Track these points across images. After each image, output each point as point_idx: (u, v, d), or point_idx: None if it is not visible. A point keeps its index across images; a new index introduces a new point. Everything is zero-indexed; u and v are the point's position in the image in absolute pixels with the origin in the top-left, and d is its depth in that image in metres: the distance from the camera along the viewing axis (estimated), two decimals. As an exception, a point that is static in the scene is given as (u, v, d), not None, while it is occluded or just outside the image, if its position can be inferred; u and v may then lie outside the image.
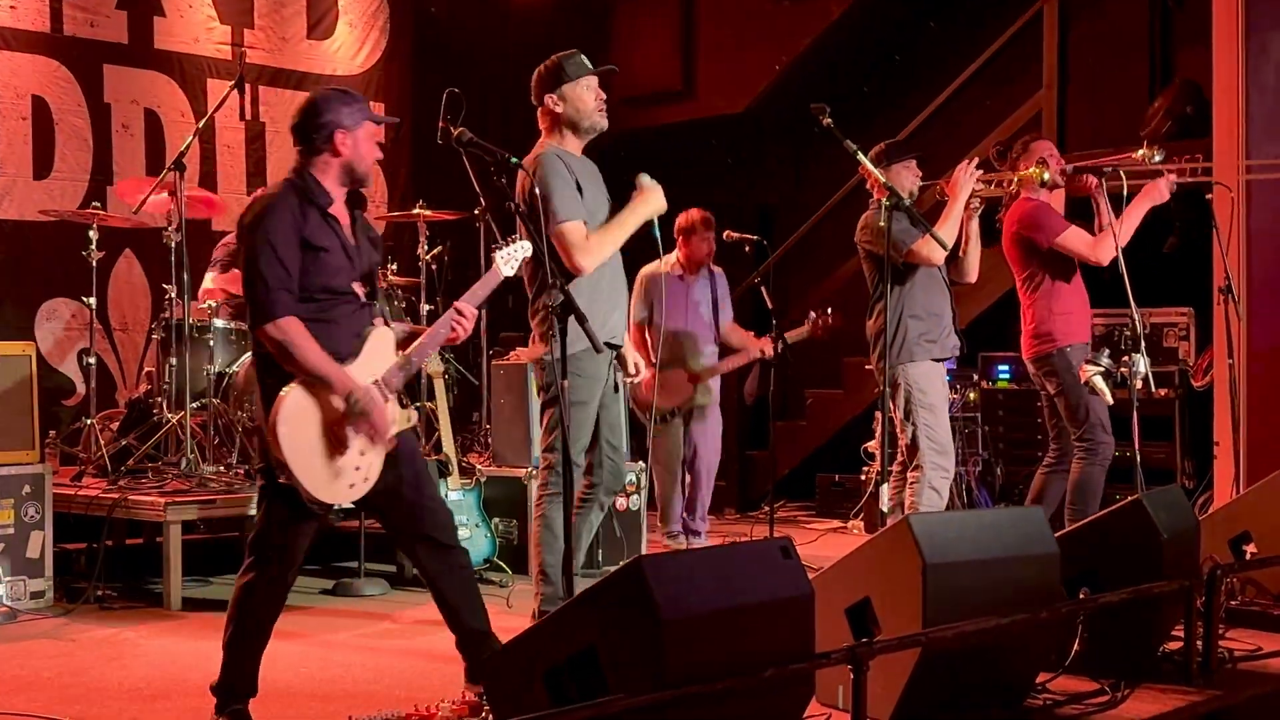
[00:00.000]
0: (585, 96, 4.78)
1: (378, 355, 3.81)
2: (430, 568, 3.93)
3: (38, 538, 5.69)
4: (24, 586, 5.62)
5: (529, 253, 4.12)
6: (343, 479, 3.71)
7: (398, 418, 3.84)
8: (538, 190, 4.49)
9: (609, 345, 4.63)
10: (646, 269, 7.17)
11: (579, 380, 4.49)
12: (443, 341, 3.97)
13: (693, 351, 7.13)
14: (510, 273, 4.11)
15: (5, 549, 5.55)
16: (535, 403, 6.50)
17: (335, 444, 3.67)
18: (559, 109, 4.76)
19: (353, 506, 4.11)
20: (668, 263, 7.15)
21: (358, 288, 3.82)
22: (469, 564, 4.05)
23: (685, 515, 7.15)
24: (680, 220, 7.21)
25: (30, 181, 7.86)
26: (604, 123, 4.85)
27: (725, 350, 7.26)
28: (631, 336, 7.05)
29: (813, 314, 7.12)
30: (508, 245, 4.11)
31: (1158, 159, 5.70)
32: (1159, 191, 5.78)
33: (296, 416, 3.62)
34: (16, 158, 7.80)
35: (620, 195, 4.96)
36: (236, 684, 3.78)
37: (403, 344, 3.92)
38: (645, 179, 4.85)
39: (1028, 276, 5.96)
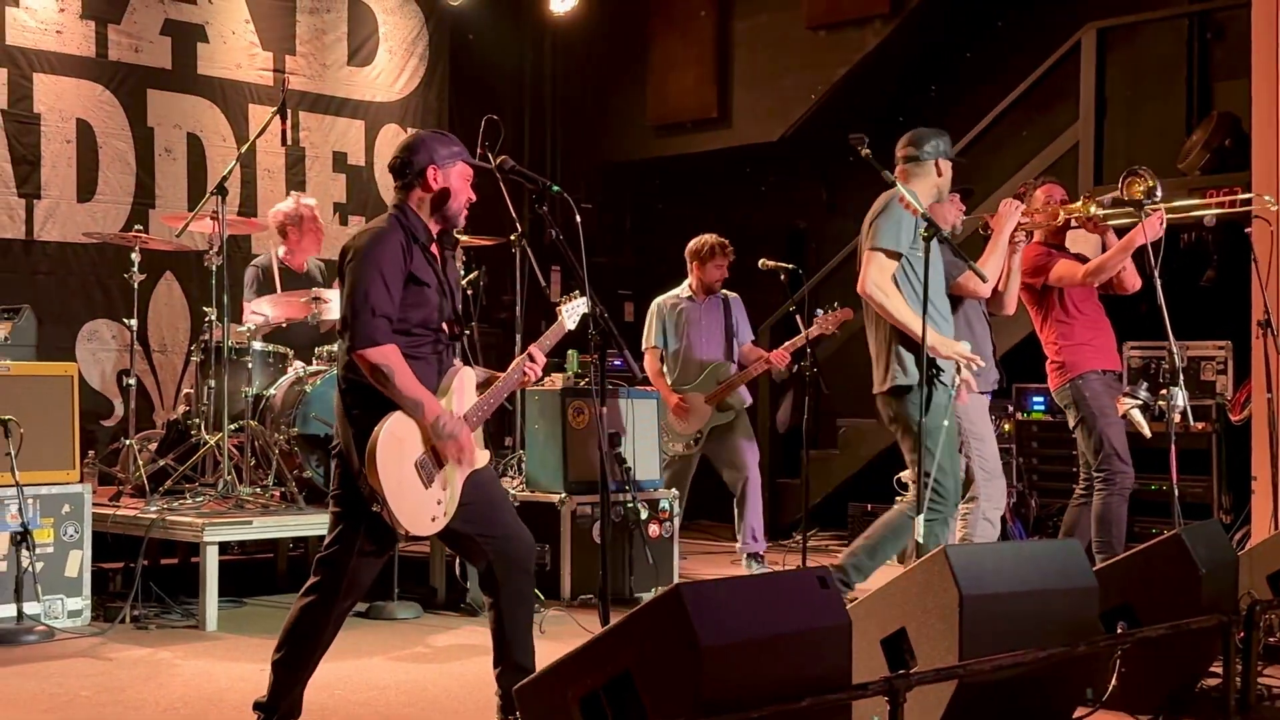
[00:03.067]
0: (949, 174, 5.35)
1: (463, 393, 3.94)
2: (498, 596, 3.94)
3: (76, 557, 5.74)
4: (62, 605, 5.67)
5: (585, 308, 4.30)
6: (427, 511, 3.82)
7: (478, 455, 3.96)
8: (875, 212, 5.16)
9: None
10: (661, 298, 7.43)
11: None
12: (517, 384, 4.13)
13: (710, 374, 7.41)
14: (573, 326, 4.37)
15: (44, 568, 5.60)
16: (569, 428, 6.55)
17: (425, 476, 3.79)
18: (936, 173, 5.30)
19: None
20: (681, 291, 7.52)
21: (448, 326, 3.94)
22: (533, 599, 4.08)
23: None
24: (695, 245, 7.51)
25: (74, 204, 7.96)
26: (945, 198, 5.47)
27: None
28: (648, 365, 7.31)
29: (819, 311, 7.19)
30: (571, 301, 4.35)
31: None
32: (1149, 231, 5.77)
33: (392, 448, 3.72)
34: (60, 180, 7.90)
35: (652, 221, 5.12)
36: (284, 705, 3.81)
37: (481, 385, 4.05)
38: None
39: (1040, 314, 6.20)
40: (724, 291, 7.52)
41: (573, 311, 4.35)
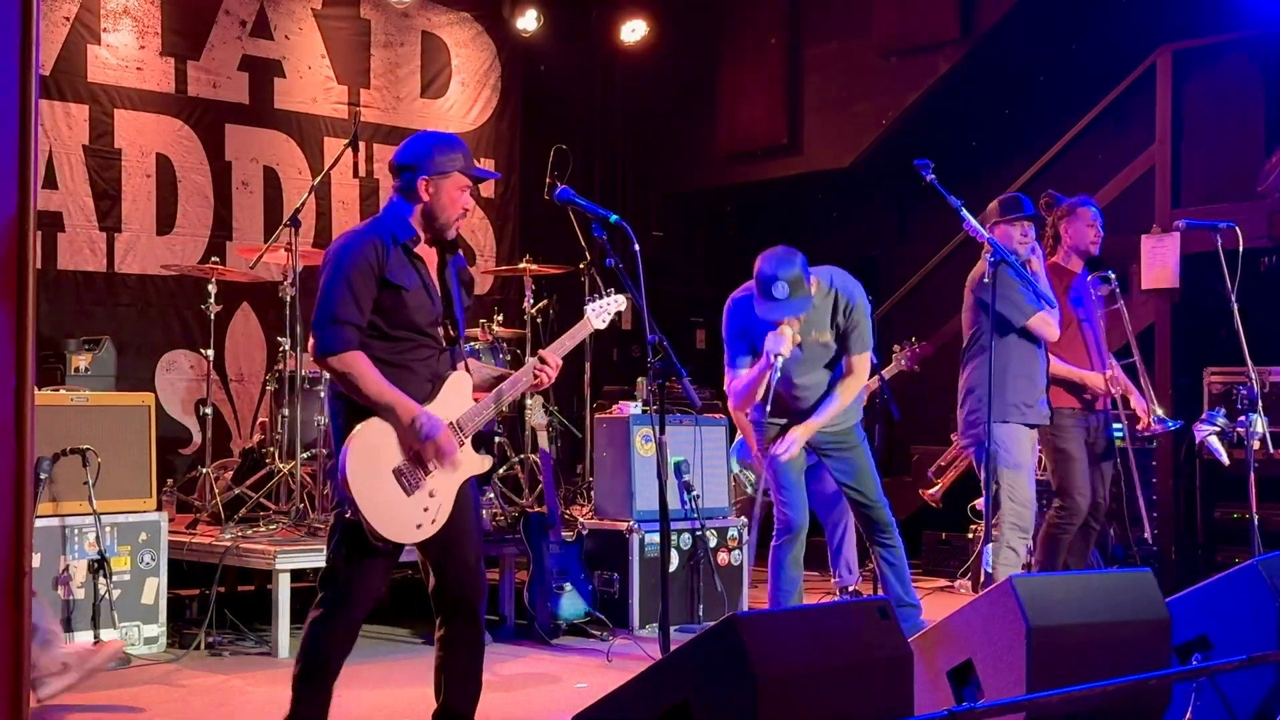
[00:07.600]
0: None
1: (454, 399, 3.79)
2: (452, 631, 3.81)
3: (152, 584, 5.84)
4: (138, 632, 5.76)
5: (623, 306, 4.12)
6: (410, 518, 3.68)
7: (473, 462, 3.81)
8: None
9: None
10: None
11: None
12: (524, 389, 3.94)
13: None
14: (602, 325, 4.11)
15: (121, 595, 5.70)
16: (637, 456, 6.55)
17: (406, 483, 3.67)
18: None
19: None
20: None
21: (440, 330, 3.79)
22: (483, 645, 3.90)
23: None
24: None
25: (153, 237, 8.12)
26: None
27: None
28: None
29: (896, 348, 7.10)
30: (603, 298, 4.13)
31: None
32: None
33: (367, 453, 3.63)
34: (140, 214, 8.07)
35: (723, 248, 5.06)
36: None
37: (488, 387, 3.90)
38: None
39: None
40: None
41: (601, 310, 4.08)
